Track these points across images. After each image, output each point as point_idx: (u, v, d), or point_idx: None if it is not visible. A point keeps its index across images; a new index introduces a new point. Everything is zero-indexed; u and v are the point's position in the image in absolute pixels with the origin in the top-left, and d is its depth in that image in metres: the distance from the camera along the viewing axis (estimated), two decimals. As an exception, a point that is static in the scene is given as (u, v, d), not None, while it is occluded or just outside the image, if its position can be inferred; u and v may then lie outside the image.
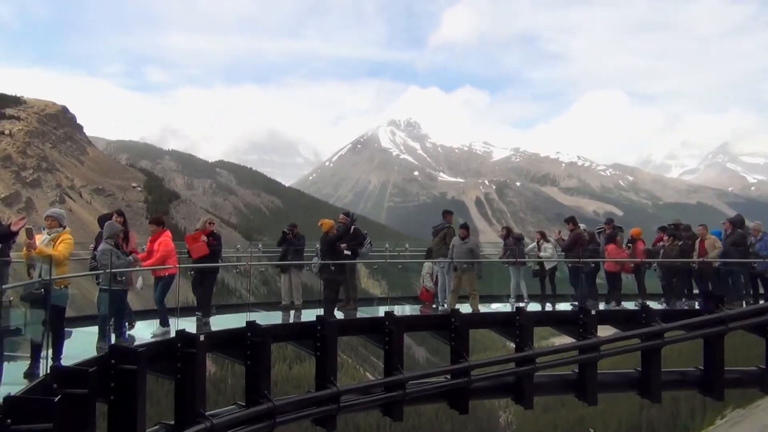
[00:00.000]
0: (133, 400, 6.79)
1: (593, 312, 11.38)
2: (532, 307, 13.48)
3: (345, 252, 12.70)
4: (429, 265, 13.77)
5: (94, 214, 74.17)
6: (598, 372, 11.48)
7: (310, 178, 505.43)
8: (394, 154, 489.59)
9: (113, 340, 8.59)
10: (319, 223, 13.26)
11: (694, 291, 14.38)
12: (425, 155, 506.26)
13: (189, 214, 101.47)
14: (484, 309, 13.18)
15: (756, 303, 13.28)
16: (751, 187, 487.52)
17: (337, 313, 12.18)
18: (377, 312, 12.51)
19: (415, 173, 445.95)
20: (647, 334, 11.40)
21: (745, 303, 13.49)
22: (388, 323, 10.26)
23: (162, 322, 9.88)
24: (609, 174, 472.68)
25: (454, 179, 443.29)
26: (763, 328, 12.16)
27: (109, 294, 8.76)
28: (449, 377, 10.53)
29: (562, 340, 12.21)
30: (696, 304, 13.64)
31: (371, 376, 61.85)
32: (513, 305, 13.02)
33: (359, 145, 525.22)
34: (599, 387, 11.53)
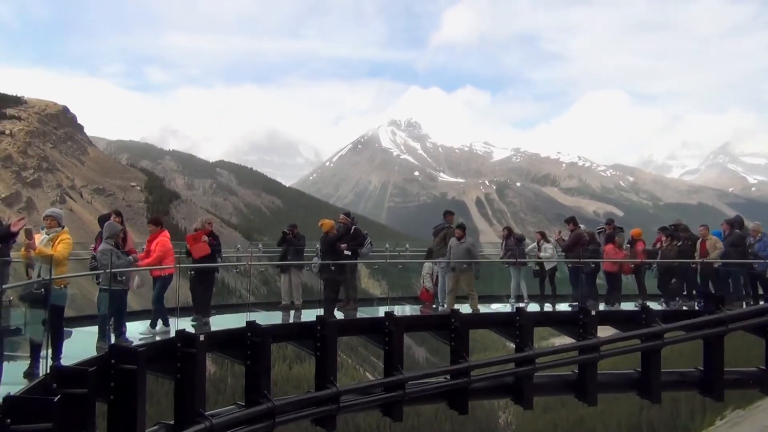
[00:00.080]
0: (132, 399, 6.80)
1: (593, 312, 11.39)
2: (532, 307, 13.49)
3: (345, 252, 12.70)
4: (429, 266, 13.77)
5: (95, 214, 74.16)
6: (598, 372, 11.49)
7: (311, 178, 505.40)
8: (395, 154, 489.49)
9: (113, 340, 8.59)
10: (319, 223, 13.26)
11: (694, 292, 14.36)
12: (426, 155, 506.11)
13: (189, 215, 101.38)
14: (484, 309, 13.17)
15: (756, 304, 13.27)
16: (752, 188, 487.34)
17: (337, 314, 12.18)
18: (377, 312, 12.52)
19: (416, 173, 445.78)
20: (647, 334, 11.41)
21: (745, 304, 13.48)
22: (388, 323, 10.27)
23: (160, 323, 9.88)
24: (609, 174, 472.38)
25: (454, 179, 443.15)
26: (763, 329, 12.17)
27: (109, 294, 8.76)
28: (449, 377, 10.53)
29: (562, 341, 12.21)
30: (695, 305, 13.64)
31: (371, 377, 61.85)
32: (513, 305, 13.03)
33: (360, 146, 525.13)
34: (599, 387, 11.54)
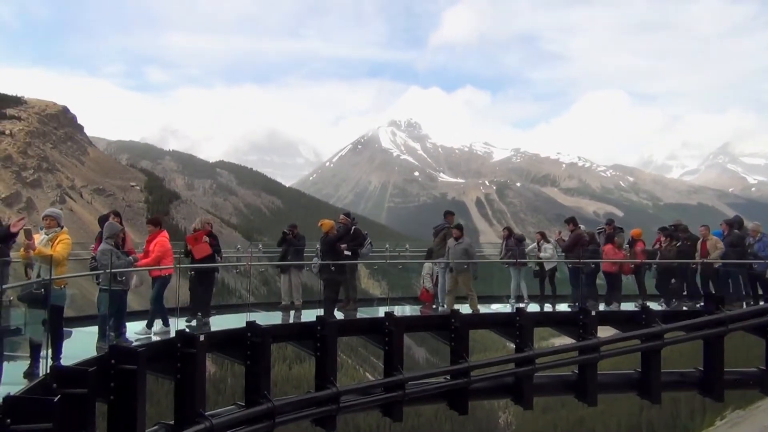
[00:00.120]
0: (132, 400, 6.80)
1: (593, 313, 11.38)
2: (532, 307, 13.49)
3: (345, 252, 12.70)
4: (429, 266, 13.77)
5: (95, 214, 74.18)
6: (598, 373, 11.49)
7: (311, 178, 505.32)
8: (395, 154, 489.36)
9: (113, 340, 8.59)
10: (319, 223, 13.26)
11: (690, 292, 14.37)
12: (426, 156, 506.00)
13: (189, 215, 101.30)
14: (484, 309, 13.17)
15: (756, 304, 13.27)
16: (752, 188, 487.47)
17: (337, 314, 12.18)
18: (377, 312, 12.52)
19: (416, 174, 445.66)
20: (647, 335, 11.40)
21: (745, 304, 13.48)
22: (388, 324, 10.27)
23: (159, 323, 9.88)
24: (609, 175, 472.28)
25: (454, 180, 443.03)
26: (763, 329, 12.17)
27: (109, 294, 8.76)
28: (449, 378, 10.53)
29: (562, 341, 12.21)
30: (695, 305, 13.63)
31: (371, 377, 61.85)
32: (513, 306, 13.02)
33: (359, 146, 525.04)
34: (599, 388, 11.53)
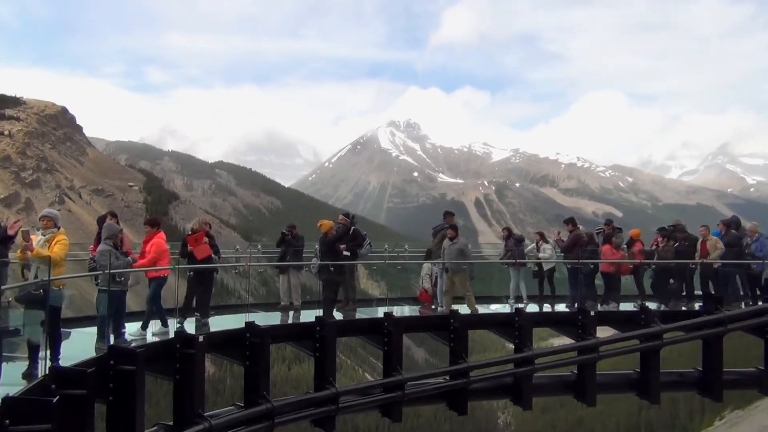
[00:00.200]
0: (131, 400, 6.79)
1: (592, 313, 11.38)
2: (531, 308, 13.49)
3: (344, 253, 12.70)
4: (428, 266, 13.76)
5: (94, 214, 74.16)
6: (597, 373, 11.47)
7: (310, 178, 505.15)
8: (394, 154, 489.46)
9: (112, 341, 8.59)
10: (318, 223, 13.25)
11: (694, 292, 14.38)
12: (425, 156, 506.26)
13: (188, 215, 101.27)
14: (483, 310, 13.17)
15: (755, 304, 13.28)
16: (751, 189, 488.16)
17: (336, 314, 12.18)
18: (376, 313, 12.52)
19: (415, 174, 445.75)
20: (646, 335, 11.40)
21: (744, 304, 13.49)
22: (387, 324, 10.26)
23: (157, 324, 9.87)
24: (608, 175, 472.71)
25: (453, 180, 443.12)
26: (761, 330, 12.17)
27: (107, 295, 8.76)
28: (448, 378, 10.52)
29: (561, 341, 12.20)
30: (693, 306, 13.65)
31: (370, 377, 61.84)
32: (512, 306, 13.03)
33: (359, 146, 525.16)
34: (598, 388, 11.52)
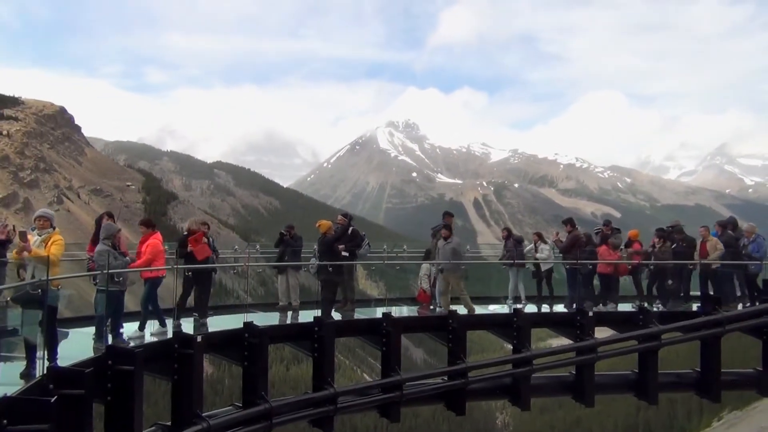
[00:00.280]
0: (130, 400, 6.78)
1: (590, 314, 11.39)
2: (530, 308, 13.49)
3: (343, 253, 12.69)
4: (427, 267, 13.75)
5: (92, 215, 74.10)
6: (595, 373, 11.48)
7: (308, 179, 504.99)
8: (393, 155, 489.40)
9: (110, 341, 8.58)
10: (316, 224, 13.24)
11: (690, 293, 14.41)
12: (423, 156, 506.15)
13: (187, 215, 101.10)
14: (482, 310, 13.17)
15: (753, 305, 13.29)
16: (749, 189, 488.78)
17: (334, 314, 12.17)
18: (375, 313, 12.52)
19: (414, 174, 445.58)
20: (644, 335, 11.40)
21: (742, 305, 13.51)
22: (385, 324, 10.26)
23: (155, 324, 9.87)
24: (607, 176, 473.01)
25: (452, 180, 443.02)
26: (759, 330, 12.18)
27: (106, 294, 8.75)
28: (446, 378, 10.51)
29: (559, 342, 12.20)
30: (693, 306, 13.66)
31: (368, 378, 61.83)
32: (510, 307, 13.03)
33: (357, 146, 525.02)
34: (596, 388, 11.52)
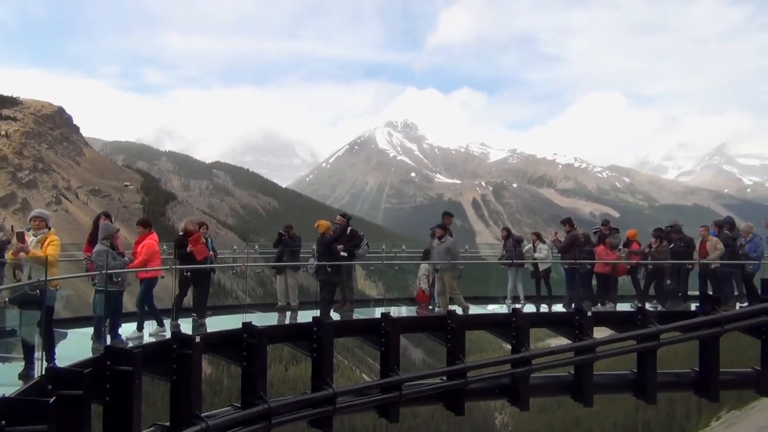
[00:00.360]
0: (128, 401, 6.78)
1: (589, 313, 11.39)
2: (528, 308, 13.49)
3: (342, 253, 12.70)
4: (426, 267, 13.75)
5: (91, 215, 74.04)
6: (594, 373, 11.49)
7: (307, 179, 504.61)
8: (391, 155, 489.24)
9: (109, 341, 8.58)
10: (315, 224, 13.25)
11: (688, 293, 14.44)
12: (422, 156, 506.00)
13: (185, 216, 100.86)
14: (481, 310, 13.17)
15: (750, 305, 13.31)
16: (747, 189, 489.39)
17: (333, 315, 12.18)
18: (373, 313, 12.52)
19: (412, 174, 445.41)
20: (643, 335, 11.41)
21: (739, 305, 13.53)
22: (384, 325, 10.26)
23: (153, 324, 9.86)
24: (605, 176, 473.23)
25: (450, 180, 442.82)
26: (758, 330, 12.19)
27: (104, 295, 8.75)
28: (445, 379, 10.51)
29: (558, 342, 12.21)
30: (692, 306, 13.68)
31: (367, 378, 61.82)
32: (509, 307, 13.03)
33: (356, 147, 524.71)
34: (595, 388, 11.53)
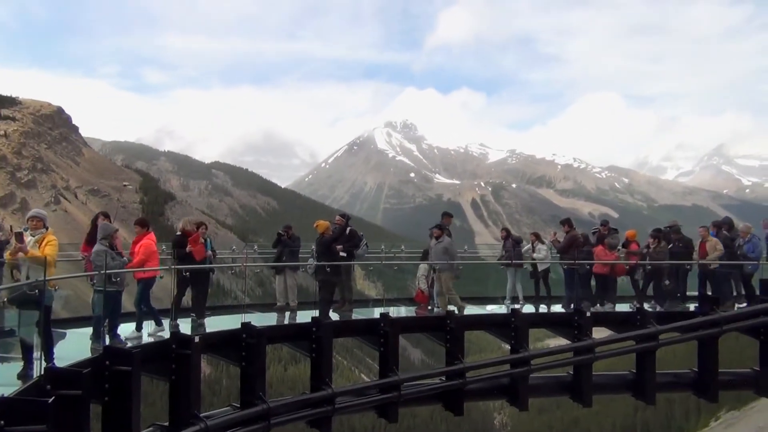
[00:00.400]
0: (127, 401, 6.77)
1: (588, 314, 11.39)
2: (527, 308, 13.50)
3: (341, 253, 12.70)
4: (425, 267, 13.76)
5: (90, 215, 73.92)
6: (593, 374, 11.48)
7: (306, 179, 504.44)
8: (390, 155, 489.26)
9: (107, 341, 8.57)
10: (314, 224, 13.25)
11: (686, 293, 14.46)
12: (421, 157, 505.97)
13: (184, 216, 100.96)
14: (480, 311, 13.18)
15: (749, 305, 13.32)
16: (746, 190, 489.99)
17: (332, 315, 12.18)
18: (372, 313, 12.51)
19: (411, 175, 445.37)
20: (642, 336, 11.40)
21: (738, 305, 13.54)
22: (383, 325, 10.25)
23: (150, 325, 9.86)
24: (604, 176, 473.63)
25: (450, 181, 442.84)
26: (757, 331, 12.19)
27: (103, 295, 8.74)
28: (444, 379, 10.50)
29: (557, 342, 12.21)
30: (691, 307, 13.69)
31: (366, 378, 61.79)
32: (508, 307, 13.03)
33: (355, 147, 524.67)
34: (594, 389, 11.52)
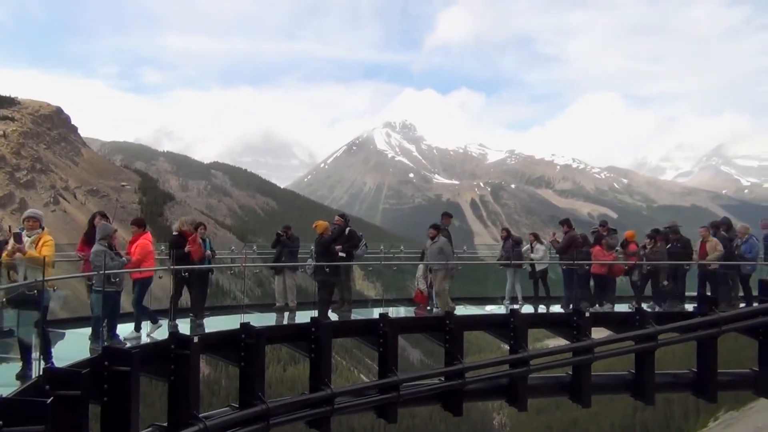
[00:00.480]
0: (126, 401, 6.77)
1: (587, 314, 11.40)
2: (526, 309, 13.51)
3: (340, 254, 12.70)
4: (424, 268, 13.76)
5: (88, 215, 73.83)
6: (592, 374, 11.48)
7: (305, 179, 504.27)
8: (390, 155, 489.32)
9: (106, 342, 8.56)
10: (313, 224, 13.25)
11: (685, 294, 14.47)
12: (420, 157, 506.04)
13: (183, 216, 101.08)
14: (479, 311, 13.18)
15: (748, 305, 13.34)
16: (745, 190, 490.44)
17: (331, 315, 12.18)
18: (372, 314, 12.50)
19: (411, 175, 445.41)
20: (641, 336, 11.41)
21: (737, 305, 13.56)
22: (382, 325, 10.25)
23: (148, 325, 9.85)
24: (603, 176, 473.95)
25: (449, 181, 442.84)
26: (755, 331, 12.21)
27: (102, 295, 8.73)
28: (443, 379, 10.50)
29: (556, 342, 12.22)
30: (690, 307, 13.70)
31: (365, 378, 61.78)
32: (507, 307, 13.03)
33: (354, 147, 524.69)
34: (593, 389, 11.52)
